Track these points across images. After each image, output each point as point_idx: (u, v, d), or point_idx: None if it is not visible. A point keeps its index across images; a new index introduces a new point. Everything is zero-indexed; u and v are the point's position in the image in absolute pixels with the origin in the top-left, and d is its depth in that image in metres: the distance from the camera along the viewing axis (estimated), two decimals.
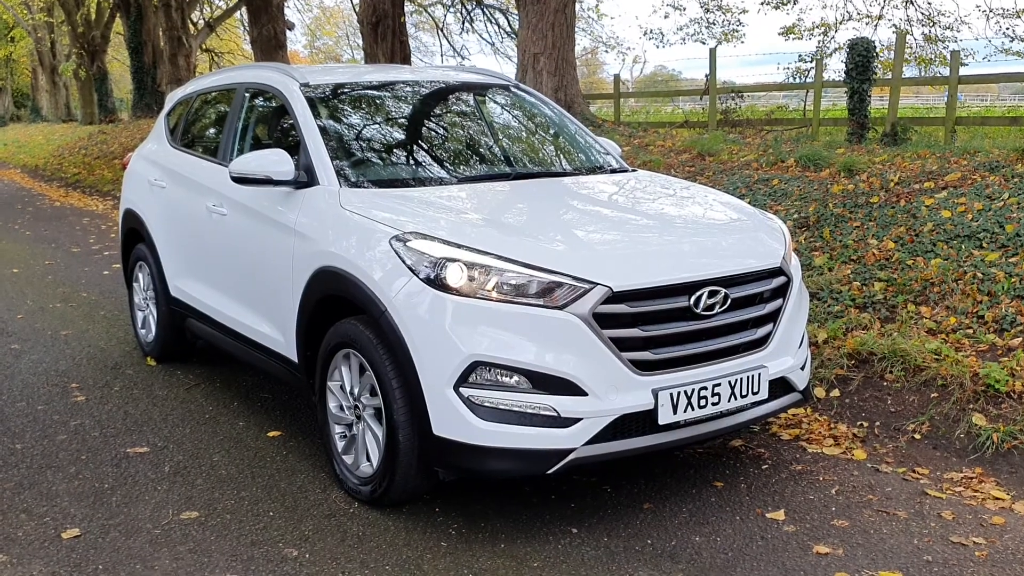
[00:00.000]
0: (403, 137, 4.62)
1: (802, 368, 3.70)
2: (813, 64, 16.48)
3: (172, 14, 23.27)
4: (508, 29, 22.57)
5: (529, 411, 3.10)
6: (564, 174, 4.52)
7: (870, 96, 10.77)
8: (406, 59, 14.38)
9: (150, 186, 5.50)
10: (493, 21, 22.95)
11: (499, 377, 3.12)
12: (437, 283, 3.17)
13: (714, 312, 3.32)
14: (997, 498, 3.62)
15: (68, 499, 3.66)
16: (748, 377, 3.38)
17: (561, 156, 4.84)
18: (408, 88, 4.88)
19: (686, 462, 3.97)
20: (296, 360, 3.95)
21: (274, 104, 4.67)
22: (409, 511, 3.51)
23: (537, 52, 12.32)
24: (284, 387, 5.01)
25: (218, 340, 4.79)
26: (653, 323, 3.22)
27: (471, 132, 4.83)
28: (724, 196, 4.30)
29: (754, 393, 3.41)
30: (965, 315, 4.92)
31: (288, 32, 19.71)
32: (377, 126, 4.58)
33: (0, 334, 6.24)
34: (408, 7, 17.95)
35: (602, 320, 3.13)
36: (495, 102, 5.07)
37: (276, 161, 3.93)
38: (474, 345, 3.09)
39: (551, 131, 4.99)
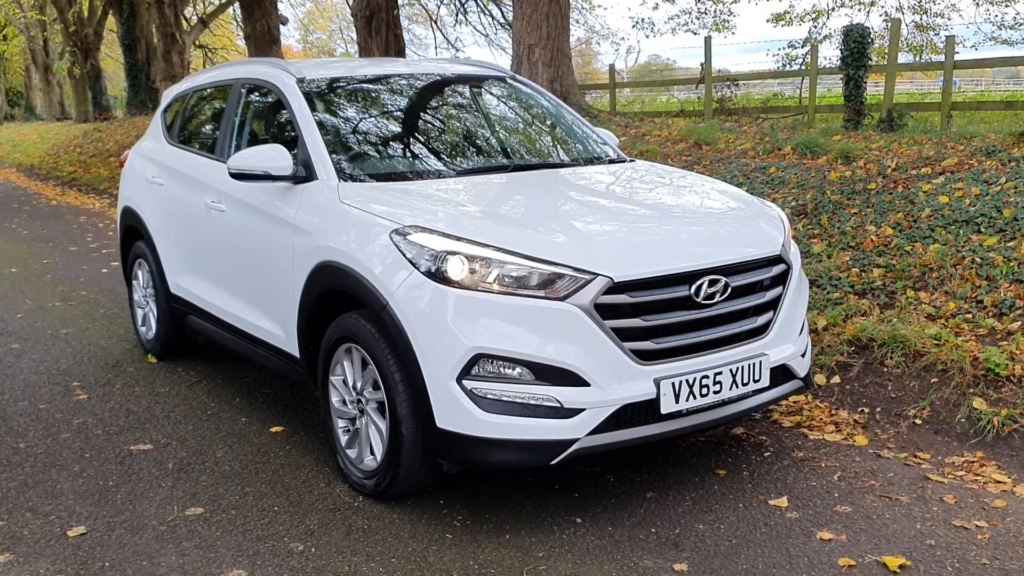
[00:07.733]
0: (400, 130, 4.62)
1: (803, 355, 3.72)
2: (804, 50, 16.47)
3: (165, 10, 23.20)
4: (502, 20, 22.55)
5: (532, 402, 3.11)
6: (562, 165, 4.51)
7: (866, 82, 10.77)
8: (400, 52, 14.34)
9: (148, 183, 5.49)
10: (487, 13, 22.93)
11: (502, 369, 3.12)
12: (438, 276, 3.18)
13: (715, 301, 3.33)
14: (998, 481, 3.64)
15: (73, 497, 3.67)
16: (749, 365, 3.39)
17: (559, 147, 4.84)
18: (404, 81, 4.88)
19: (688, 451, 3.99)
20: (298, 355, 3.96)
21: (271, 99, 4.66)
22: (414, 504, 3.53)
23: (532, 43, 12.30)
24: (286, 382, 5.02)
25: (219, 336, 4.79)
26: (654, 313, 3.23)
27: (468, 124, 4.82)
28: (722, 185, 4.30)
29: (755, 381, 3.42)
30: (964, 300, 4.94)
31: (281, 27, 19.62)
32: (374, 120, 4.57)
33: (0, 333, 6.25)
34: None
35: (603, 310, 3.13)
36: (491, 94, 5.07)
37: (274, 156, 3.93)
38: (476, 337, 3.10)
39: (548, 122, 4.98)
